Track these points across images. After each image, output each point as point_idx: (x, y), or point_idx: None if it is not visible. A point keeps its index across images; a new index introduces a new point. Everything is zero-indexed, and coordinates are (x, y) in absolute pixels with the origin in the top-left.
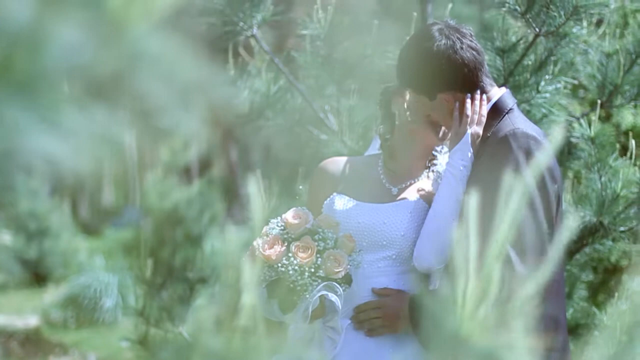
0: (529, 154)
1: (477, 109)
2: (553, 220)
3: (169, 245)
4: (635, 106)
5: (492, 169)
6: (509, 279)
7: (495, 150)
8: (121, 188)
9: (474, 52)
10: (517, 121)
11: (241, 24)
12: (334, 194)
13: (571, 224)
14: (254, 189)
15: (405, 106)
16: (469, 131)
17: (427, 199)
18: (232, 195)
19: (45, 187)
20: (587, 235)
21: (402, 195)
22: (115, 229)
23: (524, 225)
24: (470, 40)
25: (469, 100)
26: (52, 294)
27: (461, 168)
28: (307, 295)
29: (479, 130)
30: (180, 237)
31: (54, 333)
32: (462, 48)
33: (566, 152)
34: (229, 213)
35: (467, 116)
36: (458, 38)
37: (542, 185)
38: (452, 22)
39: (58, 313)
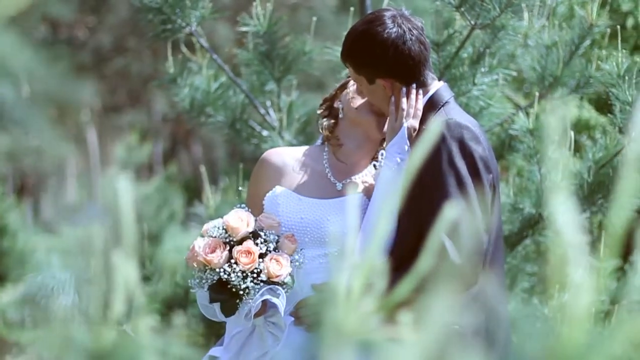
0: (462, 143)
1: (413, 102)
2: (488, 209)
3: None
4: (581, 98)
5: (426, 159)
6: (443, 268)
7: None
8: (84, 186)
9: (422, 47)
10: (451, 112)
11: (179, 21)
12: (277, 187)
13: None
14: (122, 186)
15: (350, 97)
16: (405, 125)
17: (370, 194)
18: (195, 192)
19: (9, 185)
20: (528, 227)
21: (346, 191)
22: (74, 227)
23: (459, 215)
24: (420, 34)
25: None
26: (9, 294)
27: (398, 161)
28: (250, 300)
29: (415, 123)
30: (142, 234)
31: (11, 333)
32: (411, 40)
33: (507, 145)
34: (191, 210)
35: (403, 110)
36: (409, 29)
37: (475, 174)
38: (406, 11)
39: (15, 313)
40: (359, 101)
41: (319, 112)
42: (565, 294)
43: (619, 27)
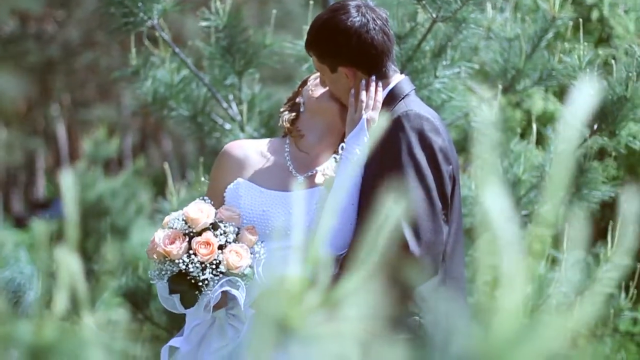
0: (421, 134)
1: (372, 94)
2: (448, 200)
3: (93, 236)
4: (545, 90)
5: (386, 149)
6: (402, 257)
7: (388, 132)
8: (53, 180)
9: (385, 37)
10: (411, 104)
11: (141, 14)
12: (239, 179)
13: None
14: (67, 182)
15: (310, 89)
16: (364, 116)
17: (331, 185)
18: (164, 186)
19: None
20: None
21: (308, 184)
22: (42, 222)
23: (418, 206)
24: (384, 25)
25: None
26: None
27: (357, 153)
28: (209, 291)
29: (375, 115)
30: (105, 228)
31: None
32: (374, 29)
33: (470, 137)
34: (155, 206)
35: (362, 101)
36: (373, 19)
37: (435, 165)
38: (371, 2)
39: None
40: (319, 91)
41: (282, 109)
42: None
43: (580, 19)
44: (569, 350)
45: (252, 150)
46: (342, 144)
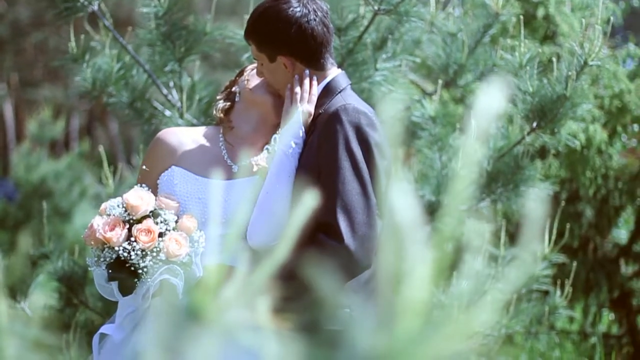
0: (358, 129)
1: (307, 87)
2: (382, 195)
3: (36, 218)
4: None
5: (323, 143)
6: (336, 250)
7: (326, 125)
8: (0, 160)
9: (325, 29)
10: (349, 98)
11: None
12: (173, 166)
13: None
14: None
15: (246, 79)
16: (300, 109)
17: (264, 176)
18: (110, 169)
19: None
20: (428, 213)
21: (242, 173)
22: None
23: (353, 200)
24: (324, 17)
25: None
26: None
27: (292, 145)
28: (148, 279)
29: (310, 108)
30: (49, 210)
31: None
32: (314, 20)
33: (409, 132)
34: (92, 191)
35: (297, 94)
36: (314, 10)
37: (371, 160)
38: None
39: None
40: (254, 82)
41: (218, 97)
42: (462, 282)
43: (521, 16)
44: (469, 349)
45: (187, 138)
46: (275, 136)
